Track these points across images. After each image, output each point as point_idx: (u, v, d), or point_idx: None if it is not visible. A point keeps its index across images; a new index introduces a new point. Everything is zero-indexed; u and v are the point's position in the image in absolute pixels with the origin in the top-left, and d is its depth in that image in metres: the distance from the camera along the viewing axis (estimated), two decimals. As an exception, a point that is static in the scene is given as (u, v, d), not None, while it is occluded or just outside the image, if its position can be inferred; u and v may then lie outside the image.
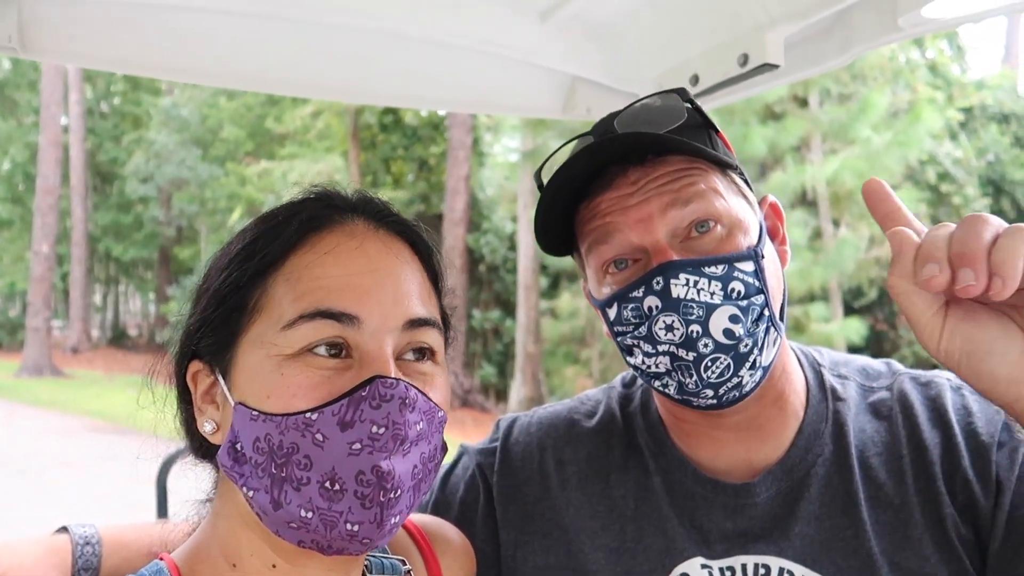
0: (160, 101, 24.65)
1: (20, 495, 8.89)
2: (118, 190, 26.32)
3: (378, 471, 0.74)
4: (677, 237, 0.99)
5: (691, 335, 0.94)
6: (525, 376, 13.10)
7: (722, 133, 1.09)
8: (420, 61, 1.59)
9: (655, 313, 0.96)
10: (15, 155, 26.41)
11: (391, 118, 17.43)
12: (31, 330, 21.44)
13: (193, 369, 0.85)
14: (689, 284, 0.94)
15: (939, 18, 1.20)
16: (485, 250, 15.63)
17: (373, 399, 0.75)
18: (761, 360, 0.97)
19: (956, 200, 13.07)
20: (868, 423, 1.07)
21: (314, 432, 0.75)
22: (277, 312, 0.80)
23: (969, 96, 13.71)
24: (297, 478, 0.75)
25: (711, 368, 0.95)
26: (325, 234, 0.84)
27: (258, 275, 0.82)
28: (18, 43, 1.21)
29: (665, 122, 1.03)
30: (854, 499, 1.01)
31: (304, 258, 0.82)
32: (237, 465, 0.79)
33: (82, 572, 1.02)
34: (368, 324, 0.79)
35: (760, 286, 0.97)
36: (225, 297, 0.83)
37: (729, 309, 0.94)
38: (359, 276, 0.81)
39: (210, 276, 0.87)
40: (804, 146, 10.21)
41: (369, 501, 0.75)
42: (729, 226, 0.99)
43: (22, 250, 26.24)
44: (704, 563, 1.02)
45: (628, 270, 1.01)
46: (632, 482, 1.11)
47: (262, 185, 18.18)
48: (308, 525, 0.75)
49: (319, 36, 1.48)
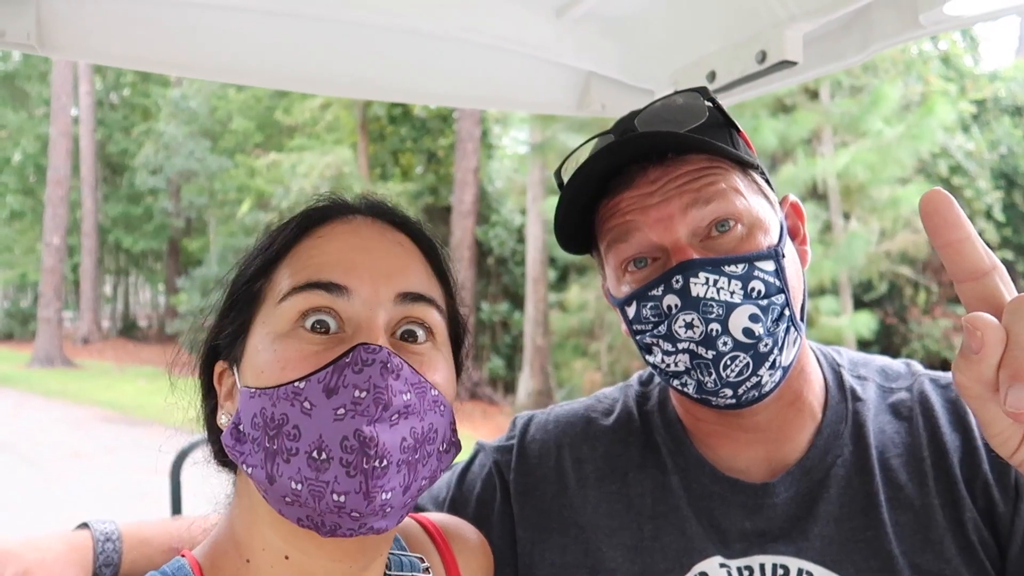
0: (169, 93, 24.65)
1: (31, 485, 8.96)
2: (128, 181, 26.38)
3: (360, 435, 0.74)
4: (697, 236, 0.98)
5: (711, 333, 0.94)
6: (533, 369, 13.10)
7: (743, 132, 1.08)
8: (434, 57, 1.58)
9: (674, 312, 0.96)
10: (26, 146, 26.51)
11: (400, 110, 17.41)
12: (42, 321, 21.56)
13: (218, 370, 0.88)
14: (709, 283, 0.94)
15: (961, 15, 1.18)
16: (494, 243, 15.62)
17: (355, 365, 0.76)
18: (781, 360, 0.97)
19: (968, 193, 12.97)
20: (888, 424, 1.07)
21: (302, 400, 0.76)
22: (275, 293, 0.83)
23: (982, 88, 13.57)
24: (287, 449, 0.76)
25: (730, 367, 0.95)
26: (325, 225, 0.87)
27: (264, 268, 0.86)
28: (36, 40, 1.22)
29: (686, 120, 1.03)
30: (874, 500, 1.01)
31: (303, 244, 0.86)
32: (239, 444, 0.80)
33: (103, 568, 1.03)
34: (358, 295, 0.81)
35: (780, 285, 0.97)
36: (236, 293, 0.87)
37: (749, 308, 0.94)
38: (349, 252, 0.84)
39: (230, 279, 0.91)
40: (815, 139, 10.14)
41: (353, 468, 0.74)
42: (749, 225, 0.98)
43: (33, 241, 26.38)
44: (722, 562, 1.02)
45: (647, 269, 1.01)
46: (650, 480, 1.11)
47: (271, 177, 18.19)
48: (299, 498, 0.76)
49: (333, 32, 1.48)
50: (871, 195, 10.13)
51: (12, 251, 27.68)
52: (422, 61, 1.58)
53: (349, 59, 1.54)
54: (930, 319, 12.53)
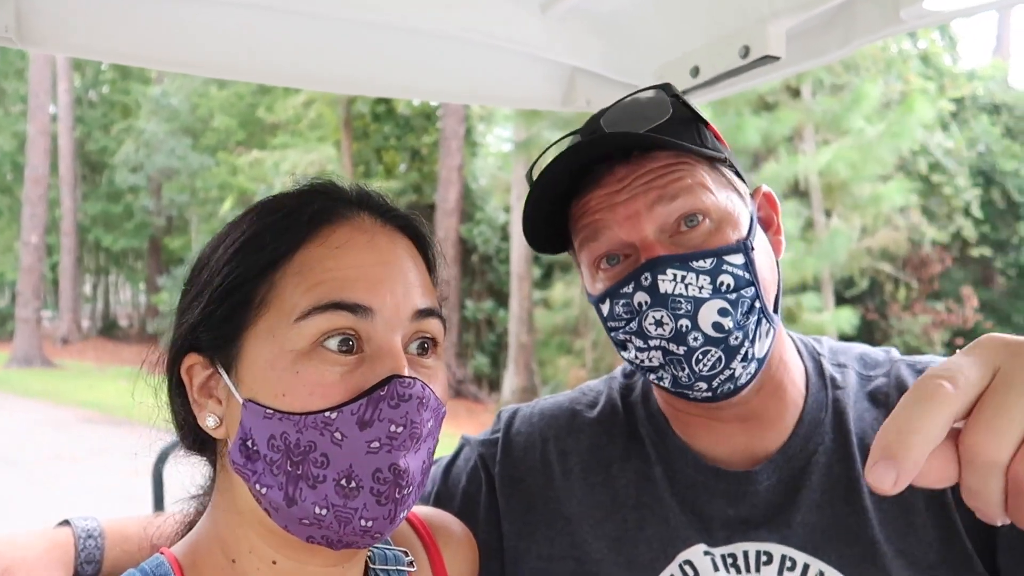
0: (150, 90, 24.42)
1: (13, 487, 8.86)
2: (108, 180, 26.10)
3: (396, 469, 0.75)
4: (665, 232, 0.99)
5: (680, 329, 0.95)
6: (518, 366, 13.11)
7: (712, 125, 1.09)
8: (417, 52, 1.58)
9: (644, 308, 0.97)
10: (3, 144, 26.16)
11: (383, 108, 17.34)
12: (21, 321, 21.31)
13: (189, 362, 0.84)
14: (676, 279, 0.95)
15: (941, 10, 1.20)
16: (478, 240, 15.61)
17: (392, 399, 0.76)
18: (754, 352, 0.98)
19: (947, 190, 13.12)
20: (867, 411, 1.08)
21: (332, 431, 0.75)
22: (288, 305, 0.78)
23: (960, 87, 13.72)
24: (314, 476, 0.75)
25: (702, 361, 0.96)
26: (336, 227, 0.83)
27: (267, 268, 0.81)
28: (15, 34, 1.20)
29: (651, 117, 1.04)
30: (856, 487, 1.02)
31: (315, 251, 0.81)
32: (249, 463, 0.79)
33: (85, 565, 1.02)
34: (380, 315, 0.79)
35: (750, 278, 0.98)
36: (230, 292, 0.81)
37: (718, 303, 0.95)
38: (371, 268, 0.81)
39: (211, 269, 0.84)
40: (797, 137, 10.22)
41: (385, 498, 0.75)
42: (718, 220, 0.99)
43: (11, 240, 26.02)
44: (706, 550, 1.03)
45: (619, 266, 1.02)
46: (633, 471, 1.12)
47: (253, 175, 18.09)
48: (322, 522, 0.76)
49: (317, 28, 1.47)
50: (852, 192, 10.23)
51: (-10, 250, 27.36)
52: (407, 56, 1.58)
53: (334, 54, 1.53)
54: (910, 315, 12.67)
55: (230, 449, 0.80)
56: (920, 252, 12.77)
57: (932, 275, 12.80)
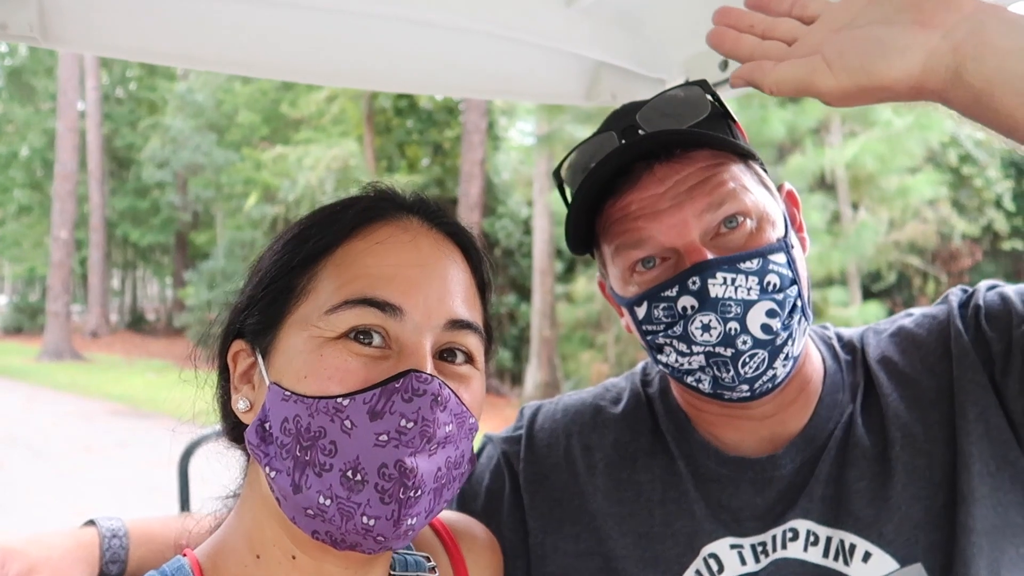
0: (175, 86, 24.68)
1: (41, 479, 9.02)
2: (135, 175, 26.47)
3: (401, 466, 0.74)
4: (708, 234, 0.98)
5: (729, 333, 0.94)
6: (540, 361, 13.10)
7: (738, 122, 1.09)
8: (442, 47, 1.56)
9: (691, 313, 0.96)
10: (33, 141, 26.63)
11: (406, 102, 17.40)
12: (51, 315, 21.69)
13: (235, 349, 0.86)
14: (727, 282, 0.95)
15: None
16: (500, 234, 15.61)
17: (405, 392, 0.75)
18: (793, 351, 0.99)
19: (978, 183, 12.89)
20: (888, 347, 1.11)
21: (343, 418, 0.75)
22: (323, 296, 0.80)
23: (992, 77, 13.43)
24: (320, 463, 0.75)
25: (748, 364, 0.96)
26: (379, 225, 0.84)
27: (309, 260, 0.82)
28: (39, 32, 1.20)
29: (689, 115, 1.03)
30: (883, 449, 1.03)
31: (356, 246, 0.82)
32: (263, 444, 0.79)
33: (109, 565, 1.02)
34: (411, 317, 0.79)
35: (793, 276, 0.98)
36: (274, 279, 0.84)
37: (766, 304, 0.95)
38: (408, 268, 0.81)
39: (262, 259, 0.88)
40: (823, 129, 10.09)
41: (388, 496, 0.74)
42: (758, 220, 0.99)
43: (41, 235, 26.50)
44: (734, 543, 1.03)
45: (656, 269, 1.01)
46: (658, 467, 1.11)
47: (277, 170, 18.21)
48: (325, 513, 0.75)
49: (342, 24, 1.46)
50: (880, 185, 10.09)
51: (20, 246, 27.86)
52: (430, 51, 1.57)
53: (358, 50, 1.52)
54: (939, 309, 12.45)
55: (247, 430, 0.81)
56: (950, 245, 12.58)
57: (962, 269, 12.60)
